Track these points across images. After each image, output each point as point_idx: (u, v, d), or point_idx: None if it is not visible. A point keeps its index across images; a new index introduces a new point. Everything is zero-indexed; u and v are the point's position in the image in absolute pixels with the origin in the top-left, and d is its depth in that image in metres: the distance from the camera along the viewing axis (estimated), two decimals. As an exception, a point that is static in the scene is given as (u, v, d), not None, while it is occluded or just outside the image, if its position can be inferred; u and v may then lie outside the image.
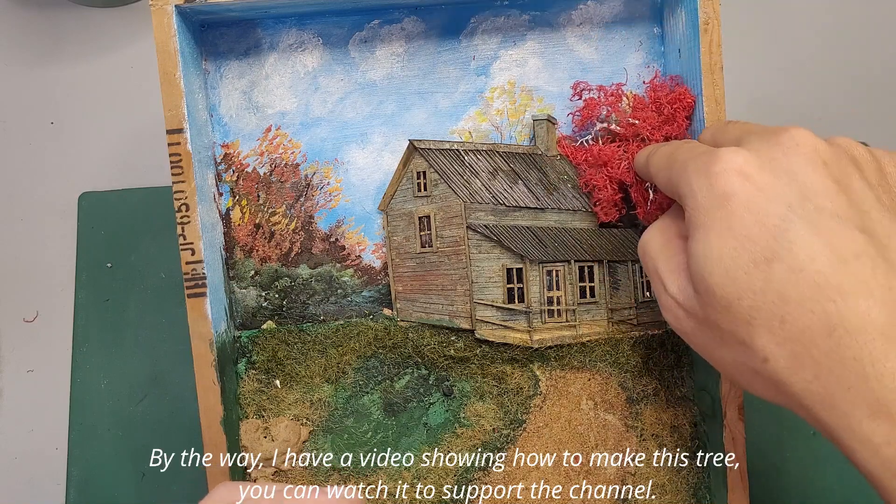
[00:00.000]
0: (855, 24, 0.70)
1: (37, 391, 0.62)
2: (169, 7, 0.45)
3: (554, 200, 0.50)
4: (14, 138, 0.67)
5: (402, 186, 0.50)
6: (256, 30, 0.50)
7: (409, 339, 0.50)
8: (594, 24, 0.51)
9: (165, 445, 0.58)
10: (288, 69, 0.51)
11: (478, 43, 0.51)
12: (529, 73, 0.51)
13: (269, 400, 0.50)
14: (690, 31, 0.46)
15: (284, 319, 0.51)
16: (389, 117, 0.51)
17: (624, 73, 0.51)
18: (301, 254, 0.51)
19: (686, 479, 0.50)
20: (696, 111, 0.47)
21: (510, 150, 0.50)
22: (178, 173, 0.46)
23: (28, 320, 0.64)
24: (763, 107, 0.68)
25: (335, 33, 0.50)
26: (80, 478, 0.58)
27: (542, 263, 0.48)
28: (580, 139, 0.51)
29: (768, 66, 0.69)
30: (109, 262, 0.62)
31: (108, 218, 0.63)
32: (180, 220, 0.46)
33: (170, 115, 0.45)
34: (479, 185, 0.49)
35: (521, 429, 0.50)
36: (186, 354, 0.46)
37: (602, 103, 0.49)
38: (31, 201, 0.66)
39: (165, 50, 0.45)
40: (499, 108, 0.51)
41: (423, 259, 0.50)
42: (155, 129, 0.64)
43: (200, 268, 0.46)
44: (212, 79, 0.50)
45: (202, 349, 0.46)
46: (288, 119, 0.51)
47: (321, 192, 0.51)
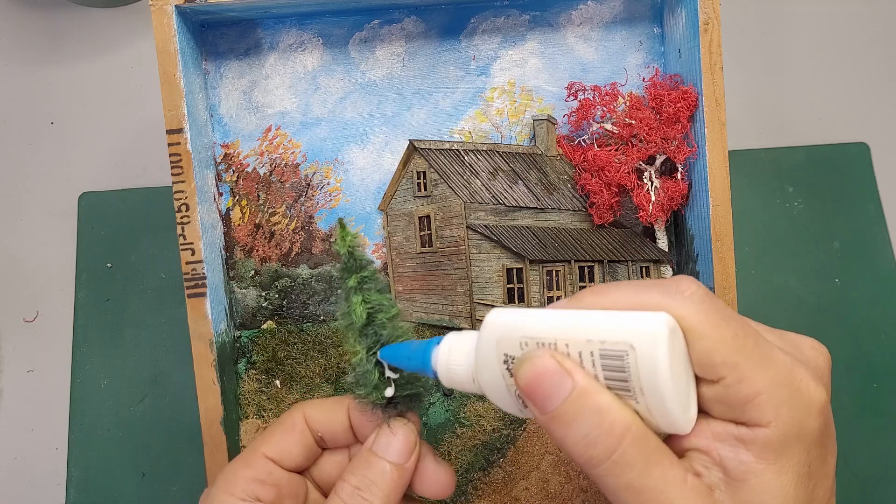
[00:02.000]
0: (855, 24, 0.70)
1: (37, 391, 0.62)
2: (169, 7, 0.45)
3: (554, 200, 0.50)
4: (14, 138, 0.67)
5: (402, 186, 0.50)
6: (256, 30, 0.50)
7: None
8: (594, 24, 0.51)
9: (165, 445, 0.58)
10: (288, 69, 0.51)
11: (478, 43, 0.51)
12: (529, 73, 0.51)
13: (269, 400, 0.50)
14: (690, 31, 0.46)
15: (284, 319, 0.51)
16: (389, 117, 0.51)
17: (624, 73, 0.51)
18: (301, 254, 0.51)
19: (686, 479, 0.50)
20: (696, 111, 0.47)
21: (510, 150, 0.50)
22: (178, 173, 0.46)
23: (28, 320, 0.64)
24: (763, 107, 0.68)
25: (335, 33, 0.50)
26: (80, 478, 0.58)
27: (542, 263, 0.48)
28: (577, 139, 0.51)
29: (768, 66, 0.69)
30: (109, 262, 0.62)
31: (108, 218, 0.63)
32: (180, 220, 0.46)
33: (170, 115, 0.45)
34: (479, 185, 0.49)
35: (521, 429, 0.50)
36: (186, 354, 0.46)
37: (597, 104, 0.49)
38: (31, 201, 0.66)
39: (165, 50, 0.45)
40: (499, 108, 0.51)
41: (423, 259, 0.50)
42: (155, 129, 0.65)
43: (200, 268, 0.46)
44: (212, 79, 0.50)
45: (202, 349, 0.46)
46: (288, 119, 0.51)
47: (321, 192, 0.51)
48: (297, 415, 0.39)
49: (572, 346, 0.29)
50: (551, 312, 0.30)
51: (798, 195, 0.64)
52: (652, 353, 0.27)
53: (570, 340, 0.29)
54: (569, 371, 0.29)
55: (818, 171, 0.65)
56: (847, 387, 0.60)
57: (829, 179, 0.65)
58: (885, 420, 0.60)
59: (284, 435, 0.39)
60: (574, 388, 0.29)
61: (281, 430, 0.39)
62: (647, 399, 0.28)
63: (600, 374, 0.28)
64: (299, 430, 0.39)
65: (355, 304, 0.37)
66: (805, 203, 0.64)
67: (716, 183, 0.46)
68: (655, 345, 0.27)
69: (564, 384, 0.29)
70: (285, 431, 0.39)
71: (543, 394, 0.30)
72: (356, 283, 0.37)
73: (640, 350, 0.27)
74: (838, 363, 0.61)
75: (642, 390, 0.28)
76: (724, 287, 0.46)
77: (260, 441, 0.39)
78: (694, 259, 0.48)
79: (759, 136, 0.67)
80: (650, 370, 0.27)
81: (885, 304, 0.62)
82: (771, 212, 0.64)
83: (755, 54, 0.69)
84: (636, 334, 0.27)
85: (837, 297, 0.62)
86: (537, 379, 0.30)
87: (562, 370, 0.29)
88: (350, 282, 0.37)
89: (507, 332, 0.31)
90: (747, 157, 0.65)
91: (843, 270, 0.63)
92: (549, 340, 0.29)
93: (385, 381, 0.37)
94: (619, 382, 0.28)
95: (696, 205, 0.48)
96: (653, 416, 0.29)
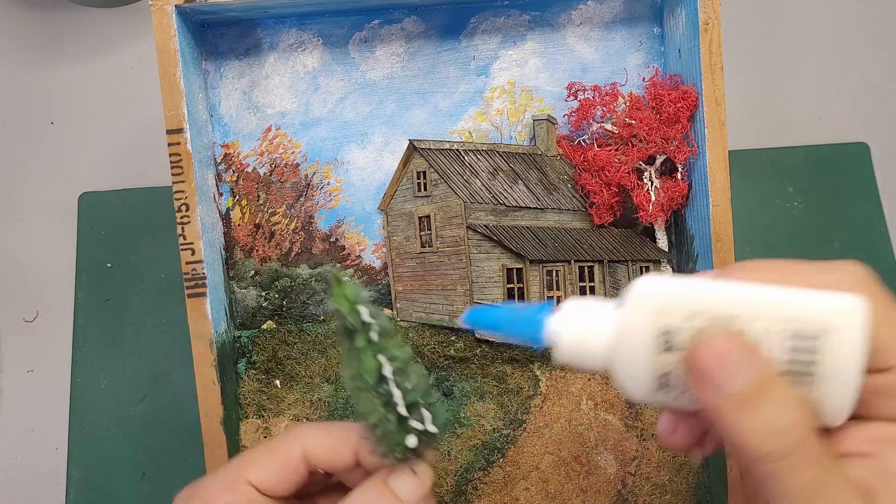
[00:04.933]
0: (855, 24, 0.70)
1: (37, 391, 0.62)
2: (169, 7, 0.45)
3: (554, 200, 0.50)
4: (14, 138, 0.67)
5: (402, 186, 0.50)
6: (256, 30, 0.50)
7: (410, 339, 0.50)
8: (594, 24, 0.51)
9: (165, 445, 0.58)
10: (288, 69, 0.51)
11: (478, 43, 0.51)
12: (529, 73, 0.51)
13: (269, 400, 0.50)
14: (690, 31, 0.46)
15: (284, 319, 0.51)
16: (389, 117, 0.51)
17: (624, 73, 0.51)
18: (301, 254, 0.51)
19: (686, 479, 0.50)
20: (696, 111, 0.47)
21: (510, 150, 0.50)
22: (178, 173, 0.46)
23: (28, 320, 0.64)
24: (763, 107, 0.68)
25: (335, 33, 0.50)
26: (80, 478, 0.58)
27: (542, 263, 0.48)
28: (577, 139, 0.51)
29: (768, 66, 0.69)
30: (109, 262, 0.62)
31: (108, 218, 0.63)
32: (180, 220, 0.46)
33: (170, 115, 0.45)
34: (479, 185, 0.49)
35: (521, 429, 0.50)
36: (186, 354, 0.46)
37: (597, 104, 0.49)
38: (31, 201, 0.66)
39: (165, 50, 0.45)
40: (499, 108, 0.51)
41: (423, 259, 0.50)
42: (155, 129, 0.64)
43: (200, 268, 0.46)
44: (212, 79, 0.50)
45: (202, 349, 0.46)
46: (288, 119, 0.51)
47: (321, 192, 0.51)
48: (295, 447, 0.36)
49: (760, 322, 0.26)
50: (724, 283, 0.27)
51: (798, 195, 0.64)
52: (853, 337, 0.25)
53: (757, 316, 0.26)
54: (757, 351, 0.26)
55: (818, 171, 0.65)
56: (847, 387, 0.60)
57: (829, 179, 0.65)
58: (885, 420, 0.60)
59: (276, 466, 0.35)
60: (763, 370, 0.26)
61: (272, 460, 0.35)
62: (828, 386, 0.26)
63: (785, 355, 0.26)
64: (294, 464, 0.36)
65: (366, 365, 0.32)
66: (805, 203, 0.64)
67: (716, 183, 0.46)
68: (857, 327, 0.25)
69: (751, 365, 0.26)
70: (277, 463, 0.35)
71: (725, 374, 0.26)
72: (364, 343, 0.32)
73: (840, 332, 0.25)
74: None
75: (827, 376, 0.25)
76: (724, 287, 0.46)
77: (246, 464, 0.35)
78: (694, 259, 0.48)
79: (759, 136, 0.67)
80: (846, 354, 0.25)
81: (885, 304, 0.62)
82: (771, 212, 0.64)
83: (755, 54, 0.69)
84: (838, 314, 0.25)
85: (837, 297, 0.62)
86: (720, 357, 0.26)
87: (749, 350, 0.26)
88: (358, 342, 0.32)
89: (669, 302, 0.27)
90: (747, 157, 0.65)
91: (843, 270, 0.63)
92: (729, 315, 0.26)
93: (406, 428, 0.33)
94: (804, 365, 0.26)
95: (696, 205, 0.48)
96: (820, 407, 0.26)
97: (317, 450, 0.36)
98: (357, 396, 0.33)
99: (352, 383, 0.33)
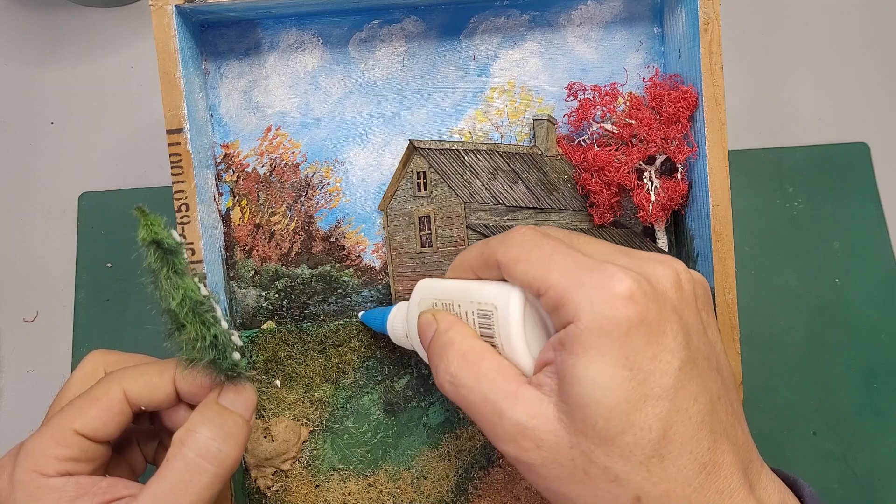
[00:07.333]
0: (855, 24, 0.70)
1: (37, 391, 0.62)
2: (169, 7, 0.45)
3: (554, 200, 0.50)
4: (14, 138, 0.67)
5: (402, 186, 0.50)
6: (256, 30, 0.50)
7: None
8: (594, 24, 0.51)
9: (165, 445, 0.58)
10: (288, 69, 0.51)
11: (478, 43, 0.51)
12: (529, 73, 0.51)
13: (269, 400, 0.50)
14: (690, 31, 0.46)
15: (284, 319, 0.51)
16: (389, 117, 0.51)
17: (624, 73, 0.51)
18: (301, 254, 0.51)
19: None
20: (696, 111, 0.47)
21: (510, 150, 0.50)
22: (178, 173, 0.46)
23: (28, 320, 0.64)
24: (763, 107, 0.68)
25: (335, 33, 0.50)
26: (80, 478, 0.58)
27: (542, 263, 0.48)
28: (577, 139, 0.51)
29: (768, 66, 0.69)
30: (109, 262, 0.62)
31: (108, 218, 0.63)
32: (180, 220, 0.46)
33: (170, 115, 0.45)
34: (479, 185, 0.49)
35: (521, 429, 0.50)
36: (186, 354, 0.46)
37: (597, 104, 0.49)
38: (31, 201, 0.66)
39: (165, 50, 0.45)
40: (499, 108, 0.51)
41: (424, 259, 0.50)
42: (155, 129, 0.65)
43: (200, 268, 0.46)
44: (212, 79, 0.50)
45: (202, 349, 0.46)
46: (288, 119, 0.51)
47: (321, 192, 0.51)
48: (115, 389, 0.37)
49: (463, 305, 0.38)
50: (452, 282, 0.40)
51: (798, 195, 0.64)
52: (506, 311, 0.36)
53: (461, 301, 0.38)
54: (436, 318, 0.38)
55: (818, 171, 0.65)
56: (847, 387, 0.60)
57: (829, 179, 0.65)
58: (885, 420, 0.60)
59: (100, 412, 0.37)
60: (437, 329, 0.38)
61: (95, 408, 0.37)
62: (506, 345, 0.36)
63: (477, 326, 0.37)
64: (117, 407, 0.37)
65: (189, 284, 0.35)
66: (805, 203, 0.64)
67: (716, 183, 0.46)
68: (508, 305, 0.36)
69: (430, 328, 0.38)
70: (101, 409, 0.37)
71: (423, 335, 0.39)
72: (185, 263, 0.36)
73: (498, 310, 0.36)
74: (838, 363, 0.61)
75: (502, 338, 0.36)
76: (724, 287, 0.46)
77: (70, 415, 0.37)
78: (694, 259, 0.48)
79: (759, 136, 0.67)
80: (505, 324, 0.36)
81: (885, 304, 0.62)
82: (771, 212, 0.64)
83: (755, 54, 0.69)
84: (499, 297, 0.36)
85: (837, 297, 0.62)
86: (421, 326, 0.39)
87: (432, 319, 0.38)
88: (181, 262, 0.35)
89: (425, 295, 0.41)
90: (747, 157, 0.65)
91: (843, 270, 0.63)
92: (448, 301, 0.39)
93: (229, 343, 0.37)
94: (488, 330, 0.37)
95: (696, 205, 0.48)
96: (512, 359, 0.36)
97: (136, 388, 0.38)
98: (181, 320, 0.36)
99: (178, 309, 0.36)
